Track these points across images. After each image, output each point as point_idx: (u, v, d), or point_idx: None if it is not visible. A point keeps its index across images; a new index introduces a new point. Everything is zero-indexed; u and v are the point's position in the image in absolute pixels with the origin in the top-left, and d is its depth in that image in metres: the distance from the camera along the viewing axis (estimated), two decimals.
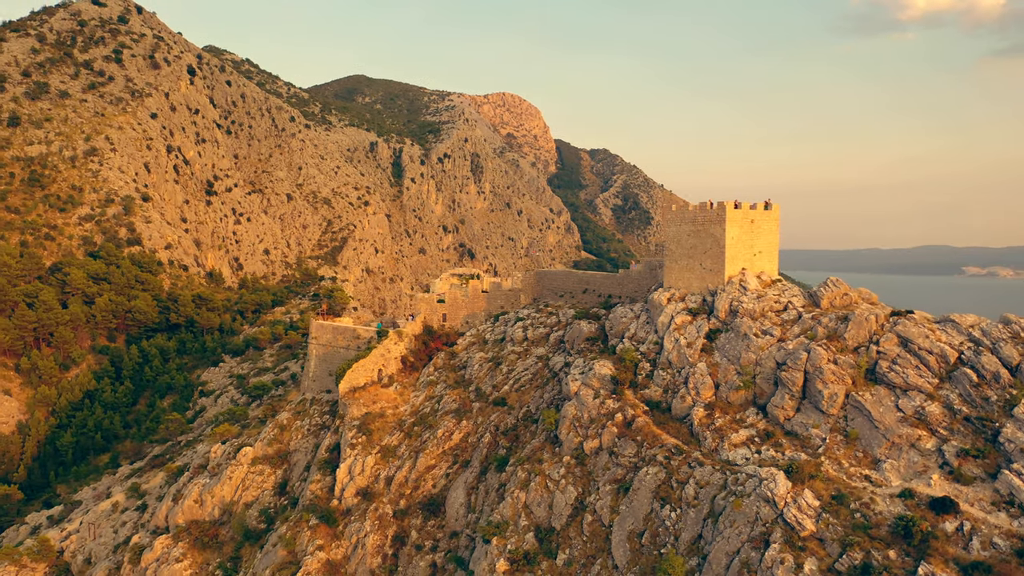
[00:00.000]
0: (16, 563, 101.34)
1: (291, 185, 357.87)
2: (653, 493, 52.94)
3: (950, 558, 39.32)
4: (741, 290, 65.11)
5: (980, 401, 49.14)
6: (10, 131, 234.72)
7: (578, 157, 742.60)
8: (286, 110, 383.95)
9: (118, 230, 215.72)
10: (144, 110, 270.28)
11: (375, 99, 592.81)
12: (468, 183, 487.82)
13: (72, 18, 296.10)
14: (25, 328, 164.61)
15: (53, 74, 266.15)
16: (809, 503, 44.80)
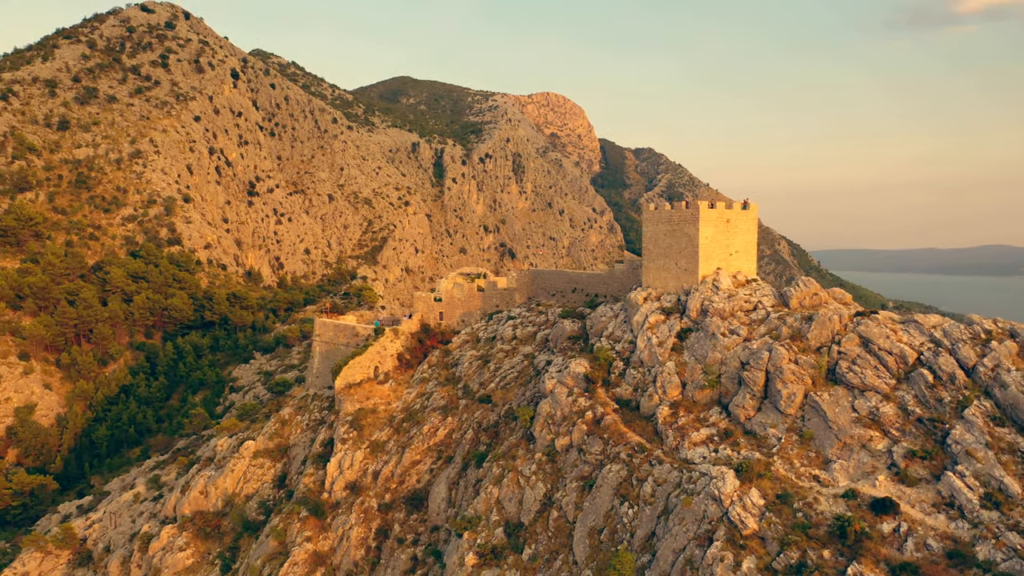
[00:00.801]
0: (42, 549, 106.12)
1: (333, 186, 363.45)
2: (614, 490, 53.67)
3: (882, 559, 39.36)
4: (713, 290, 65.26)
5: (934, 402, 48.73)
6: (59, 135, 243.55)
7: (622, 156, 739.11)
8: (329, 112, 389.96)
9: (159, 230, 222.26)
10: (188, 113, 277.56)
11: (419, 100, 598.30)
12: (510, 183, 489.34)
13: (121, 25, 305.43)
14: (66, 325, 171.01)
15: (102, 79, 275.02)
16: (754, 502, 45.11)
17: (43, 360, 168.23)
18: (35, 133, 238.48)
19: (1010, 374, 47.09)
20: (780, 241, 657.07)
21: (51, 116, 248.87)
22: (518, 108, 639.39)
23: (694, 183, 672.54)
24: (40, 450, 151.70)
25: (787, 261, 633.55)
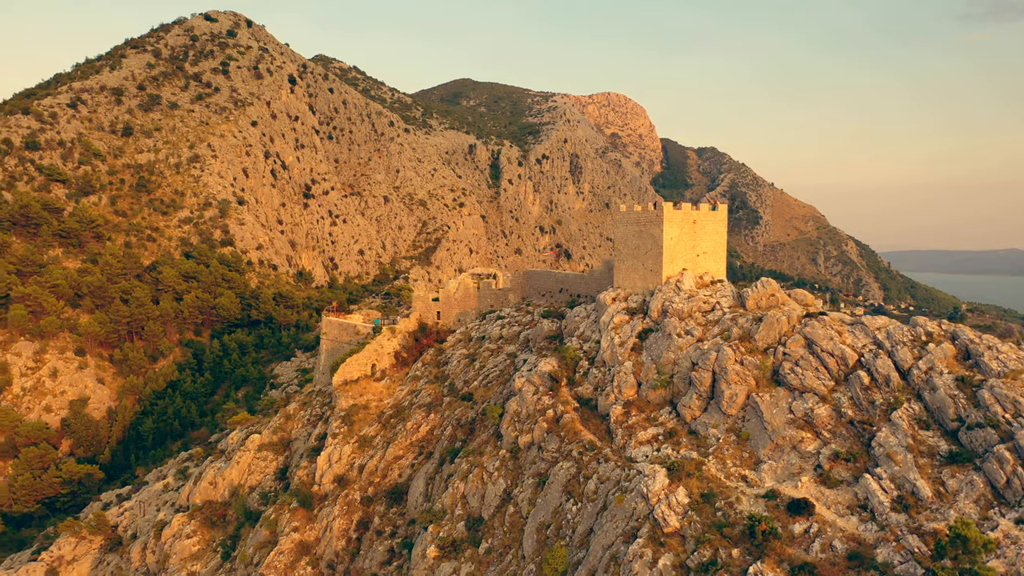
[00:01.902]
0: (76, 535, 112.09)
1: (388, 187, 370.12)
2: (563, 487, 54.70)
3: (786, 558, 39.51)
4: (675, 290, 65.45)
5: (867, 405, 48.22)
6: (123, 140, 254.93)
7: (684, 156, 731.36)
8: (385, 115, 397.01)
9: (213, 232, 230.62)
10: (245, 118, 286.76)
11: (479, 102, 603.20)
12: (567, 184, 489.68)
13: (185, 34, 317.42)
14: (119, 322, 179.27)
15: (165, 86, 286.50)
16: (679, 501, 45.60)
17: (97, 356, 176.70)
18: (101, 139, 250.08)
19: (941, 377, 46.40)
20: (848, 242, 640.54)
21: (116, 123, 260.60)
22: (578, 109, 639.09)
23: (757, 182, 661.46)
24: (91, 441, 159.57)
25: (855, 263, 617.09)
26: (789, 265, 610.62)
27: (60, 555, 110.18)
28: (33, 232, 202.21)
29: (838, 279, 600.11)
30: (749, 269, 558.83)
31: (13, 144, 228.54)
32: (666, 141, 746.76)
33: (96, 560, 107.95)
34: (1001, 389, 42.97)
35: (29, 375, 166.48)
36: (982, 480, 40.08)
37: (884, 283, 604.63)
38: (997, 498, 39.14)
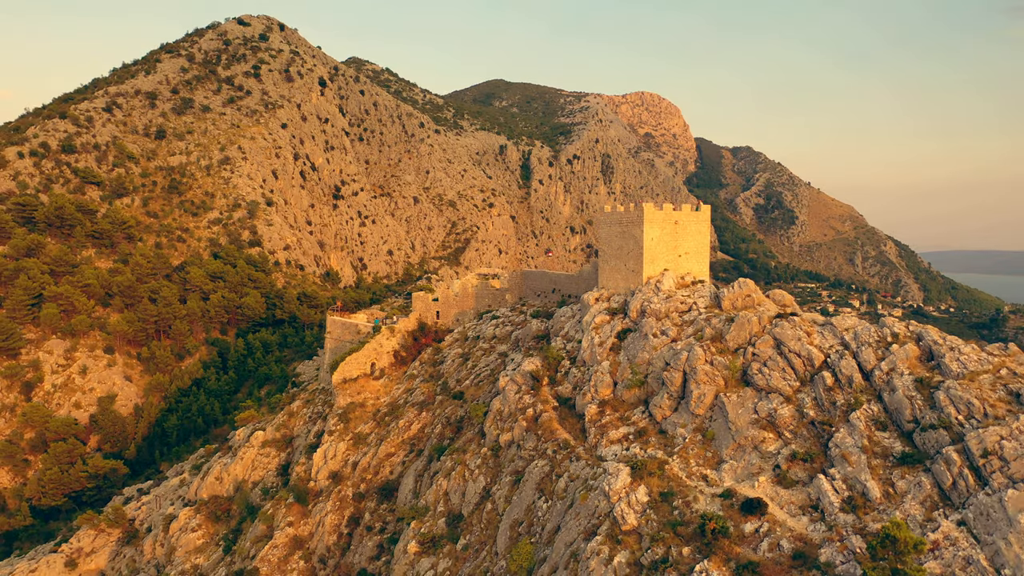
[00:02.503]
0: (95, 528, 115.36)
1: (418, 188, 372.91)
2: (536, 485, 55.33)
3: (733, 557, 39.71)
4: (655, 291, 65.60)
5: (828, 405, 48.02)
6: (156, 143, 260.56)
7: (719, 155, 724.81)
8: (416, 116, 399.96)
9: (241, 232, 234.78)
10: (275, 121, 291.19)
11: (512, 102, 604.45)
12: (598, 184, 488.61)
13: (219, 38, 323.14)
14: (147, 321, 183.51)
15: (198, 90, 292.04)
16: (638, 499, 45.96)
17: (126, 354, 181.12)
18: (135, 142, 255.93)
19: (902, 378, 46.06)
20: (886, 242, 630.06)
21: (150, 126, 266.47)
22: (611, 108, 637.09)
23: (794, 182, 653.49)
24: (118, 437, 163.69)
25: (893, 263, 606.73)
26: (826, 266, 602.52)
27: (79, 547, 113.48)
28: (67, 233, 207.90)
29: (876, 280, 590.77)
30: (784, 270, 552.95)
31: (50, 147, 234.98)
32: (700, 140, 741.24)
33: (113, 552, 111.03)
34: (956, 391, 42.64)
35: (60, 372, 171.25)
36: (930, 482, 39.90)
37: (924, 284, 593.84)
38: (943, 499, 38.94)
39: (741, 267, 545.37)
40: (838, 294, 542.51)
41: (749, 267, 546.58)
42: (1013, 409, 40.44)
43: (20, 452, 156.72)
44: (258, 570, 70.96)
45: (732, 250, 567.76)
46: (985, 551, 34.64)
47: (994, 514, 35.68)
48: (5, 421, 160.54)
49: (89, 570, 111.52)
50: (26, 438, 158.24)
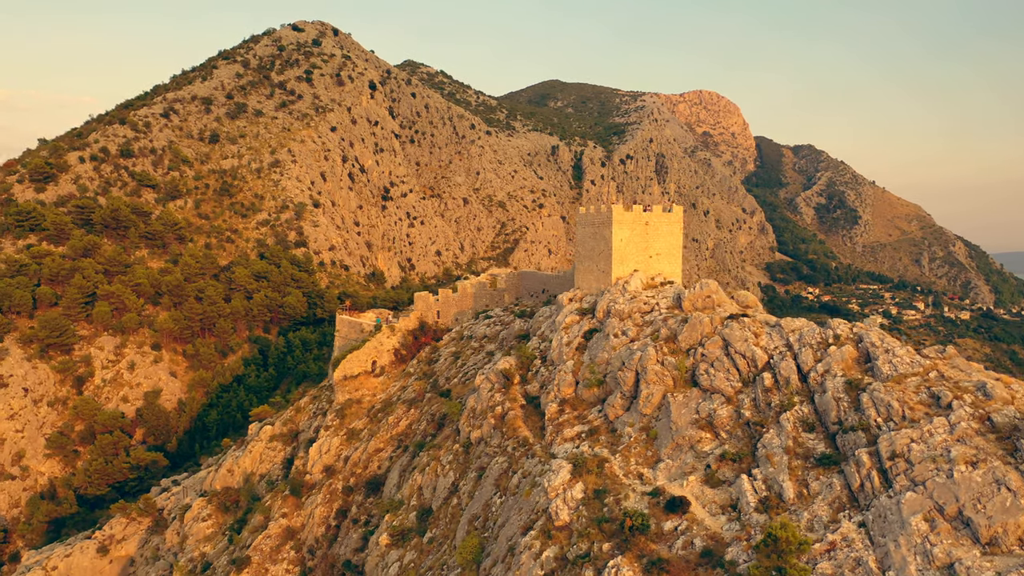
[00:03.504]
0: (127, 516, 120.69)
1: (468, 189, 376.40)
2: (495, 481, 56.54)
3: (647, 554, 40.26)
4: (621, 291, 65.91)
5: (764, 406, 47.87)
6: (210, 147, 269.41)
7: (779, 154, 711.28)
8: (467, 118, 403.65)
9: (288, 233, 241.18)
10: (325, 124, 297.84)
11: (567, 103, 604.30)
12: (651, 184, 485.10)
13: (273, 44, 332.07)
14: (192, 319, 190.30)
15: (252, 95, 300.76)
16: (573, 496, 46.77)
17: (172, 350, 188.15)
18: (189, 146, 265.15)
19: (834, 379, 45.71)
20: (955, 242, 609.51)
21: (204, 130, 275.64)
22: (668, 108, 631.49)
23: (857, 181, 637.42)
24: (161, 430, 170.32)
25: (963, 264, 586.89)
26: (890, 267, 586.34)
27: (111, 534, 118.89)
28: (122, 234, 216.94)
29: (943, 281, 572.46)
30: (845, 271, 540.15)
31: (110, 152, 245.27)
32: (760, 139, 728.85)
33: (142, 540, 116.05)
34: (879, 393, 42.31)
35: (110, 367, 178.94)
36: (840, 483, 39.79)
37: (996, 286, 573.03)
38: (851, 501, 38.82)
39: (800, 268, 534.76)
40: (902, 296, 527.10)
41: (808, 268, 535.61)
42: (931, 412, 40.06)
43: (70, 443, 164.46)
44: (250, 558, 73.89)
45: (791, 251, 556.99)
46: (876, 553, 34.60)
47: (891, 516, 35.57)
48: (57, 414, 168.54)
49: (119, 556, 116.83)
50: (76, 430, 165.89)
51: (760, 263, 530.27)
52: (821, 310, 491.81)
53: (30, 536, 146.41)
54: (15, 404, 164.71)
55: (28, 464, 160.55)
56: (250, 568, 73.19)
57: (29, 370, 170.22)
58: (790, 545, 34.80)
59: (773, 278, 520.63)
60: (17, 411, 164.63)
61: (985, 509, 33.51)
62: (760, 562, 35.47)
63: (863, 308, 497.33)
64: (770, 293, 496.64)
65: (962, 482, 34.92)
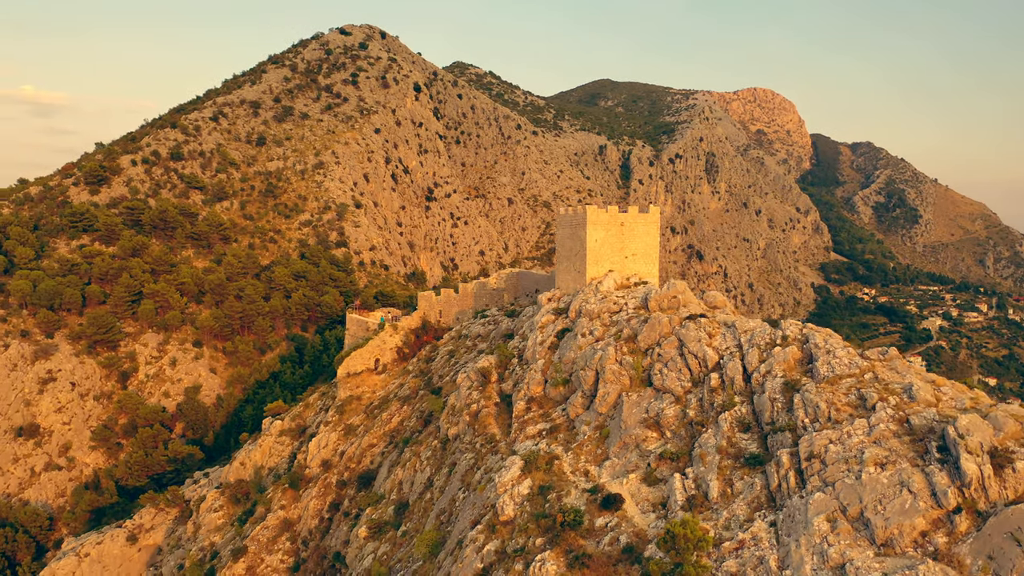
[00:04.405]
0: (156, 507, 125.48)
1: (513, 190, 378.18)
2: (462, 477, 57.80)
3: (574, 549, 40.94)
4: (594, 292, 66.34)
5: (708, 406, 47.98)
6: (257, 149, 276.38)
7: (836, 152, 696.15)
8: (513, 118, 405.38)
9: (330, 234, 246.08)
10: (369, 126, 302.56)
11: (617, 102, 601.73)
12: (701, 183, 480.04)
13: (321, 48, 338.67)
14: (232, 317, 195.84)
15: (298, 98, 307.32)
16: (520, 492, 47.63)
17: (212, 347, 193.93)
18: (237, 149, 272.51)
19: (773, 380, 45.59)
20: (1023, 242, 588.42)
21: (252, 133, 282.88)
22: (721, 106, 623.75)
23: (918, 178, 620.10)
24: (199, 425, 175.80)
25: None
26: (952, 267, 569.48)
27: (140, 523, 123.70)
28: (169, 235, 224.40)
29: (1009, 282, 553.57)
30: (903, 272, 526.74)
31: (160, 155, 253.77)
32: (816, 137, 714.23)
33: (169, 530, 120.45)
34: (810, 394, 42.20)
35: (153, 363, 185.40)
36: (761, 483, 39.94)
37: None
38: (769, 501, 38.96)
39: (855, 269, 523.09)
40: (963, 297, 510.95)
41: (864, 269, 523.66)
42: (855, 414, 39.90)
43: (114, 436, 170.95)
44: (246, 548, 76.62)
45: (847, 251, 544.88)
46: (780, 552, 34.83)
47: (798, 516, 35.73)
48: (103, 407, 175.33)
49: (147, 545, 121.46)
50: (120, 423, 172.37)
51: (814, 263, 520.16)
52: (877, 312, 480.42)
53: (73, 524, 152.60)
54: (63, 398, 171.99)
55: (74, 455, 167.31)
56: (246, 557, 75.90)
57: (77, 365, 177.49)
58: (688, 543, 35.29)
59: (827, 279, 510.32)
60: (65, 404, 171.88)
61: (884, 511, 33.51)
62: (660, 559, 36.01)
63: (922, 310, 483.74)
64: (823, 294, 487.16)
65: (868, 483, 34.93)
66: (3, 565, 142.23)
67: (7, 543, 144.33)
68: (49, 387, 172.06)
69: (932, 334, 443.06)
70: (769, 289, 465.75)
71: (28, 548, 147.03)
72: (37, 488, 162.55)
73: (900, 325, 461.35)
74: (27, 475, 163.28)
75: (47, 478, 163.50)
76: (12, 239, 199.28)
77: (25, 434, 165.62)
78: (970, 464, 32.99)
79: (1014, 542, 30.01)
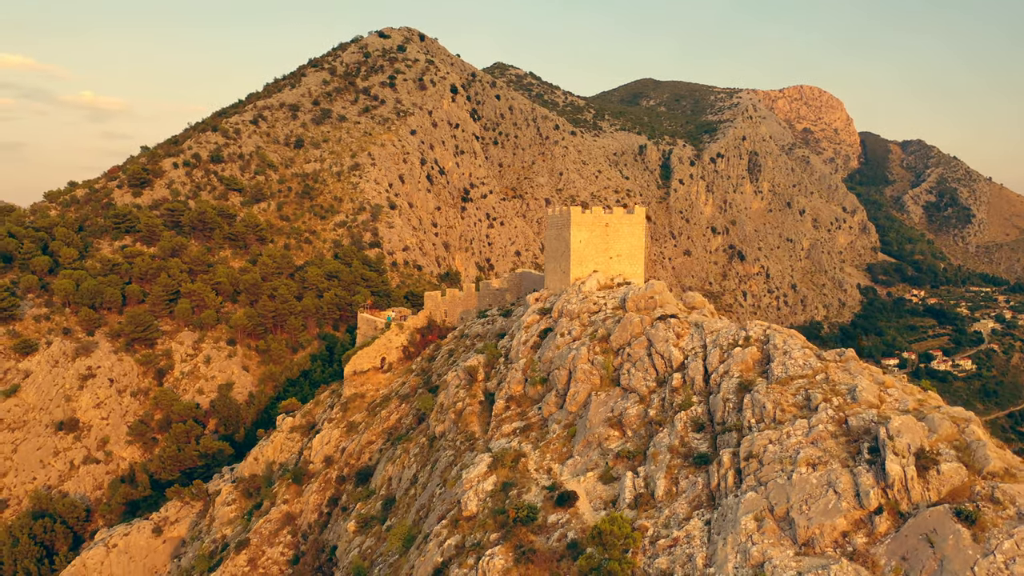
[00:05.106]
0: (181, 500, 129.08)
1: (551, 190, 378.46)
2: (440, 473, 58.79)
3: (525, 544, 41.55)
4: (577, 292, 66.66)
5: (668, 406, 48.08)
6: (295, 152, 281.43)
7: (886, 150, 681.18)
8: (551, 119, 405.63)
9: (364, 234, 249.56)
10: (406, 128, 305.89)
11: (660, 101, 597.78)
12: (743, 183, 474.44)
13: (360, 51, 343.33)
14: (265, 316, 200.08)
15: (336, 101, 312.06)
16: (484, 488, 48.43)
17: (245, 346, 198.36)
18: (275, 151, 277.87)
19: (729, 380, 45.54)
20: None
21: (290, 136, 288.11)
22: (766, 104, 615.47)
23: (971, 177, 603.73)
24: (231, 421, 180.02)
25: None
26: (1007, 268, 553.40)
27: (166, 516, 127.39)
28: (208, 235, 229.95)
29: None
30: (955, 272, 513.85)
31: (201, 158, 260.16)
32: (865, 135, 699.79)
33: (193, 523, 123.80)
34: (759, 394, 42.15)
35: (188, 361, 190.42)
36: (703, 482, 40.13)
37: None
38: (709, 500, 39.15)
39: (904, 270, 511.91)
40: (1018, 299, 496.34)
41: (913, 269, 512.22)
42: (799, 414, 39.85)
43: (150, 431, 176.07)
44: (249, 540, 78.78)
45: (895, 251, 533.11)
46: (709, 550, 35.11)
47: (729, 515, 35.93)
48: (139, 403, 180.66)
49: (172, 536, 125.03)
50: (155, 419, 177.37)
51: (860, 264, 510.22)
52: (926, 314, 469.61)
53: (109, 516, 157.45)
54: (101, 394, 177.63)
55: (111, 449, 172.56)
56: (248, 549, 78.04)
57: (115, 362, 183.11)
58: (615, 539, 35.76)
59: (874, 280, 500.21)
60: (103, 400, 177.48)
61: (809, 511, 33.60)
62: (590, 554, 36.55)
63: (973, 312, 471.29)
64: (870, 295, 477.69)
65: (798, 484, 35.02)
66: (42, 554, 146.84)
67: (46, 533, 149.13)
68: (89, 383, 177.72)
69: (984, 337, 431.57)
70: (813, 290, 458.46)
71: (66, 538, 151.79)
72: (76, 481, 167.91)
73: (950, 328, 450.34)
74: (67, 468, 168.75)
75: (85, 471, 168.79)
76: (58, 240, 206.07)
77: (65, 428, 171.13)
78: (894, 465, 32.89)
79: (927, 543, 29.95)
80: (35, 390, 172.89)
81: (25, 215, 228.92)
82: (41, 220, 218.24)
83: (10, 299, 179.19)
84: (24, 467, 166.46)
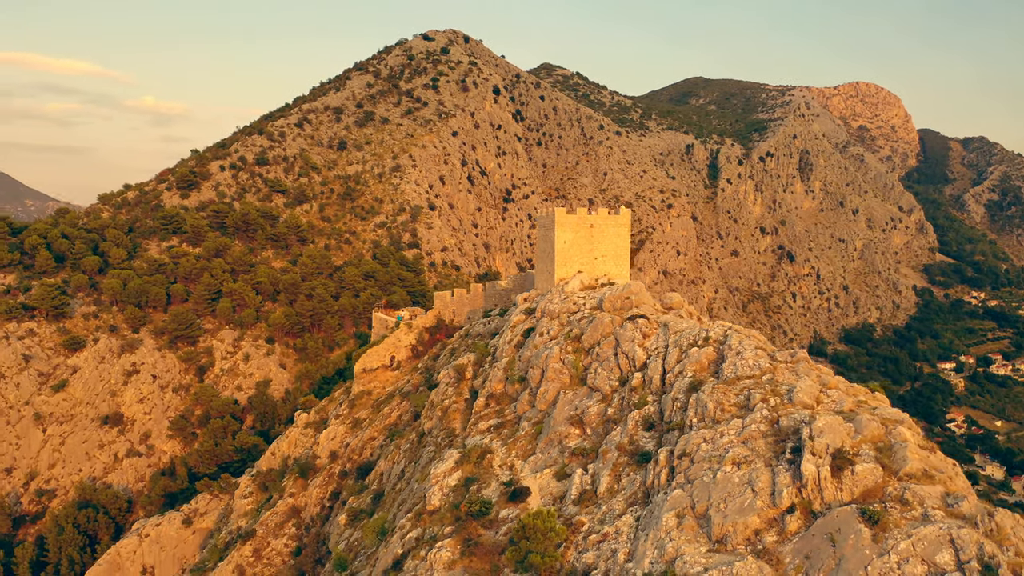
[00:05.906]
0: (211, 493, 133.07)
1: (594, 190, 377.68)
2: (422, 468, 59.99)
3: (472, 537, 42.39)
4: (559, 292, 66.97)
5: (626, 405, 48.24)
6: (338, 154, 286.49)
7: (946, 147, 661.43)
8: (595, 119, 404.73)
9: (403, 235, 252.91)
10: (447, 129, 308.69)
11: (710, 100, 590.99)
12: (794, 182, 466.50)
13: (404, 54, 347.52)
14: (303, 315, 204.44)
15: (380, 103, 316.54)
16: (449, 483, 49.41)
17: (283, 344, 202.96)
18: (319, 154, 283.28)
19: (682, 380, 45.56)
20: None
21: (334, 138, 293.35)
22: (820, 102, 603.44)
23: None
24: (267, 417, 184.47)
25: None
26: None
27: (196, 508, 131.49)
28: (251, 236, 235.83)
29: None
30: (1018, 274, 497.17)
31: (247, 160, 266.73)
32: (924, 132, 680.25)
33: (220, 515, 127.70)
34: (703, 395, 42.21)
35: (228, 358, 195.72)
36: (641, 479, 40.47)
37: None
38: (644, 497, 39.48)
39: (963, 271, 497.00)
40: None
41: (973, 271, 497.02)
42: (737, 414, 39.92)
43: (190, 426, 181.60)
44: (255, 532, 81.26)
45: (954, 252, 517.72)
46: (632, 545, 35.57)
47: (656, 512, 36.33)
48: (180, 399, 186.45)
49: (201, 528, 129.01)
50: (196, 414, 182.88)
51: (917, 265, 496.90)
52: (985, 316, 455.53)
53: (148, 508, 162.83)
54: (145, 389, 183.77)
55: (153, 443, 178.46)
56: (254, 540, 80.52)
57: (158, 359, 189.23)
58: (537, 532, 36.47)
59: (932, 281, 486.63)
60: (146, 395, 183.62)
61: (726, 508, 33.86)
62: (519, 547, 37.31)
63: None
64: (926, 297, 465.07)
65: (721, 482, 35.28)
66: (85, 543, 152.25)
67: (89, 523, 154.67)
68: (133, 379, 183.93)
69: None
70: (866, 292, 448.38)
71: (108, 528, 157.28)
72: (119, 473, 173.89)
73: (1011, 331, 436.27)
74: (111, 460, 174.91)
75: (128, 464, 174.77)
76: (108, 240, 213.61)
77: (110, 422, 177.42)
78: (809, 465, 32.96)
79: (830, 542, 30.04)
80: (82, 385, 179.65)
81: (79, 217, 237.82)
82: (93, 222, 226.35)
83: (61, 297, 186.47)
84: (71, 459, 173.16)
